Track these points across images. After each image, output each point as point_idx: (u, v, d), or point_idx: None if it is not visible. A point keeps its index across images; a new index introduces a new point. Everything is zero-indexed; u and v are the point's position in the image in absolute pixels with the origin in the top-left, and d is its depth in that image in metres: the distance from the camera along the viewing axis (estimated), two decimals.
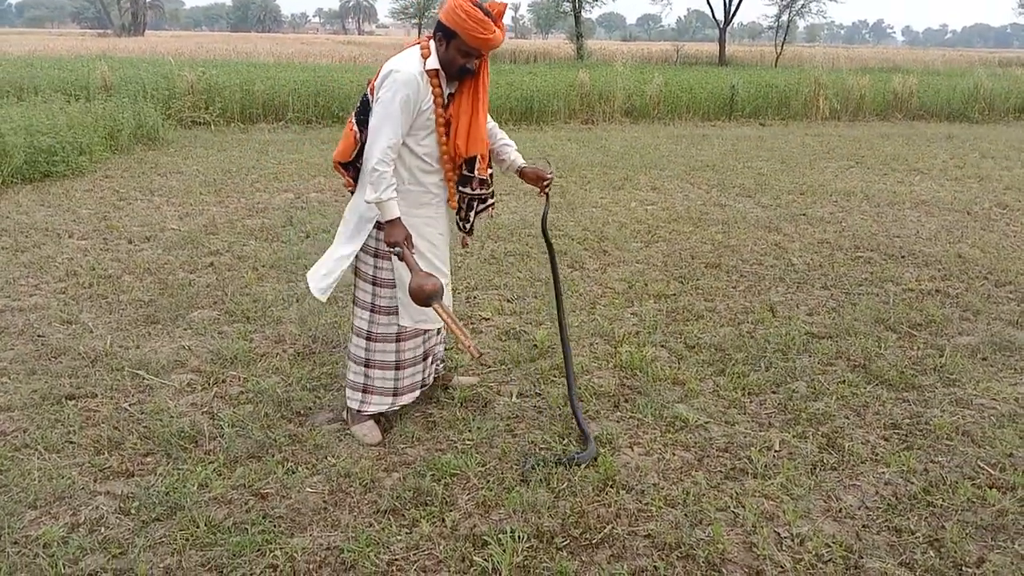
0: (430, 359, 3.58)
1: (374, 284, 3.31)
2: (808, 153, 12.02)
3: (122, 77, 13.99)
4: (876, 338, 4.59)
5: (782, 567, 2.63)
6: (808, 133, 14.71)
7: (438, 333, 3.60)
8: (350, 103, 14.20)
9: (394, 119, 3.00)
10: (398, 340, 3.35)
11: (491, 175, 3.37)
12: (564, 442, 3.38)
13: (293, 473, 3.12)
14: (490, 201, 3.43)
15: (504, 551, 2.64)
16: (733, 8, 37.25)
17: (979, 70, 22.82)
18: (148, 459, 3.21)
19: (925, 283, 5.66)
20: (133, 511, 2.85)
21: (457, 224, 3.45)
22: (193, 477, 3.06)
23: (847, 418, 3.67)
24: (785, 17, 39.50)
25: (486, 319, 4.82)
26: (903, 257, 6.34)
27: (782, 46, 37.52)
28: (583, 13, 37.33)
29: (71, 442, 3.31)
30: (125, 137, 10.55)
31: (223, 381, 3.93)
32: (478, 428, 3.48)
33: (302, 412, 3.63)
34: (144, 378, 3.92)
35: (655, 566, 2.61)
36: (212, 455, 3.24)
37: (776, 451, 3.37)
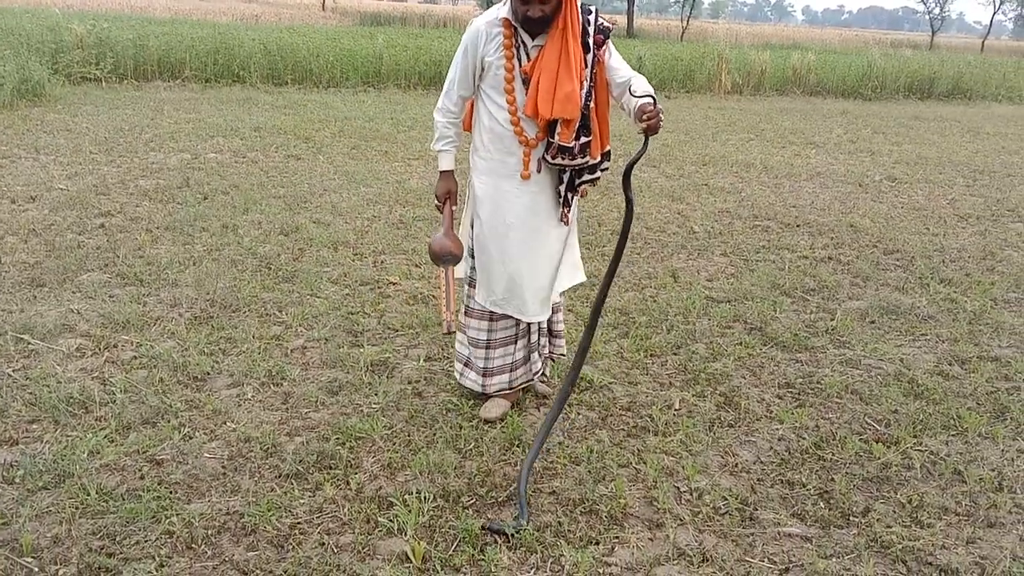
0: (532, 360, 3.29)
1: (471, 255, 3.16)
2: (711, 125, 12.30)
3: (2, 28, 13.11)
4: (772, 302, 4.76)
5: (681, 520, 2.71)
6: (711, 106, 15.03)
7: (542, 332, 3.28)
8: (252, 62, 13.70)
9: (453, 69, 2.94)
10: (491, 319, 3.17)
11: (585, 144, 2.89)
12: (471, 403, 3.38)
13: (190, 439, 3.03)
14: (587, 176, 3.01)
15: (409, 511, 2.63)
16: None
17: (873, 50, 23.78)
18: (34, 426, 3.06)
19: (819, 251, 5.89)
20: (17, 480, 2.71)
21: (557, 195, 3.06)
22: (83, 444, 2.92)
23: (744, 378, 3.80)
24: None
25: (393, 283, 4.76)
26: (798, 226, 6.57)
27: (688, 20, 38.17)
28: None
29: None
30: (7, 92, 9.88)
31: (115, 346, 3.76)
32: (384, 392, 3.44)
33: (199, 377, 3.51)
34: (29, 342, 3.71)
35: (559, 521, 2.65)
36: (103, 421, 3.10)
37: (676, 410, 3.46)
